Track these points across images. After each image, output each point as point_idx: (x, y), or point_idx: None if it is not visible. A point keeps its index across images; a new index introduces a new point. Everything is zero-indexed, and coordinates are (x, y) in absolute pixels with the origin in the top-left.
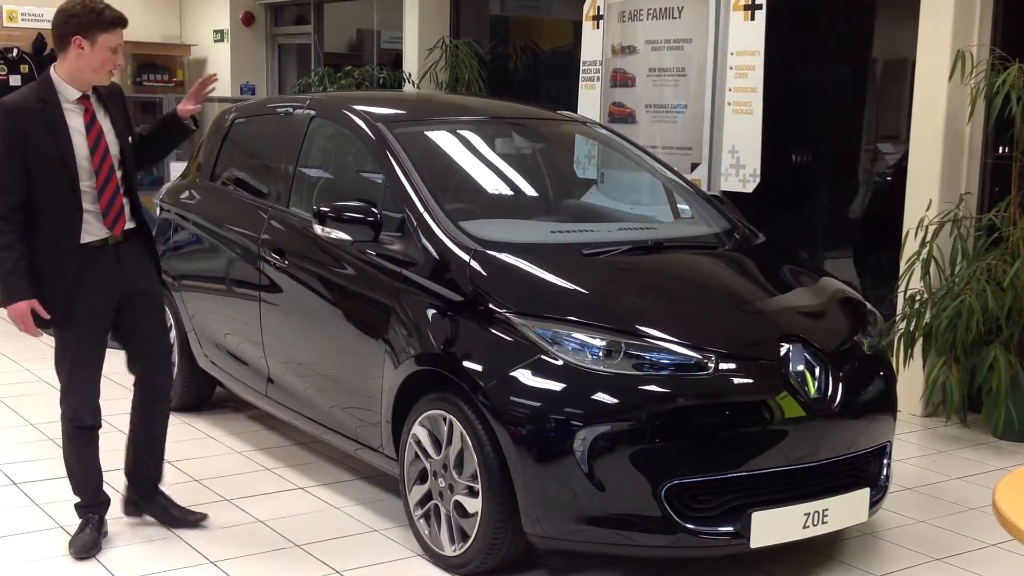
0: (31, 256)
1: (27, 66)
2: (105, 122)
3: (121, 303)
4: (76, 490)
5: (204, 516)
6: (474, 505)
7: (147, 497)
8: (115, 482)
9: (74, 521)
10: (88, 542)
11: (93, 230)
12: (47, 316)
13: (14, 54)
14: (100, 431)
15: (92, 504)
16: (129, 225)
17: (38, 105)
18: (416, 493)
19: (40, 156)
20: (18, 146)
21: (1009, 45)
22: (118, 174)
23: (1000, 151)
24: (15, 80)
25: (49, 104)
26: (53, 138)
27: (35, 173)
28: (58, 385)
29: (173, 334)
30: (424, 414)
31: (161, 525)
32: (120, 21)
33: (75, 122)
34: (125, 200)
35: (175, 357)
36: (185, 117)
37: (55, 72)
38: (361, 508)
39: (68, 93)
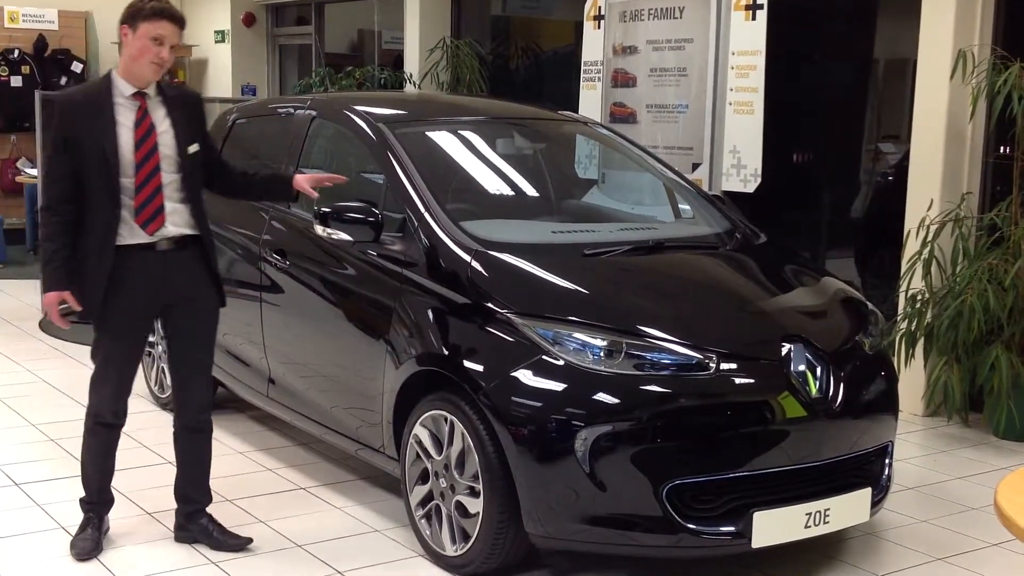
0: (76, 251)
1: (28, 67)
2: (163, 122)
3: (167, 310)
4: (84, 485)
5: (249, 540)
6: (475, 505)
7: (193, 519)
8: (122, 485)
9: (75, 521)
10: (89, 544)
11: (137, 232)
12: (78, 308)
13: (15, 55)
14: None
15: (96, 502)
16: (181, 231)
17: (90, 98)
18: (417, 493)
19: (85, 148)
20: (67, 138)
21: (1010, 45)
22: (166, 176)
23: (1001, 151)
24: (16, 81)
25: (102, 97)
26: (98, 130)
27: (80, 166)
28: (58, 386)
29: None
30: (425, 414)
31: (168, 530)
32: (163, 12)
33: (124, 117)
34: (176, 205)
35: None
36: (295, 187)
37: (116, 70)
38: (362, 508)
39: (123, 88)
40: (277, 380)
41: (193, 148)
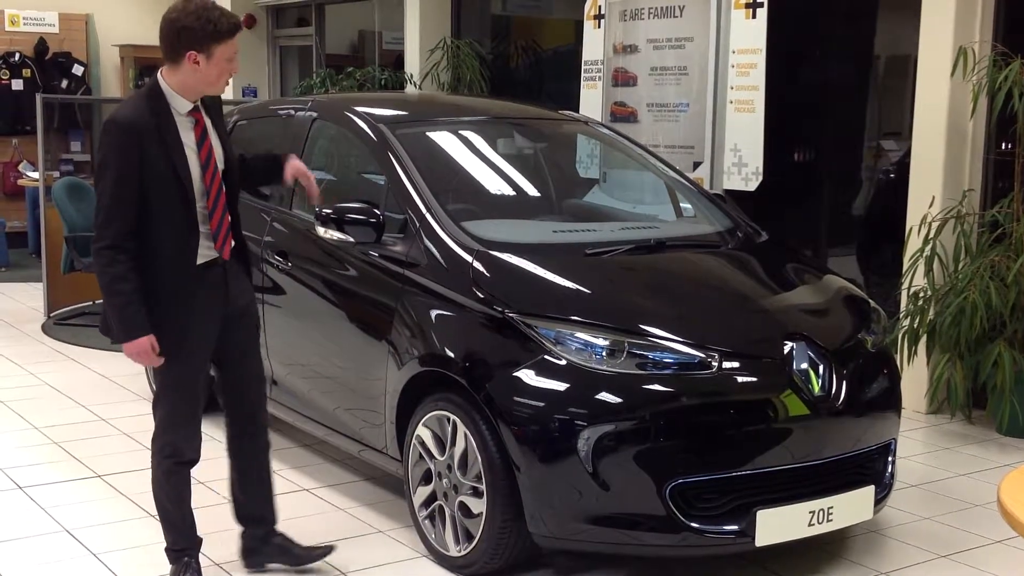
0: (144, 284)
1: (29, 70)
2: (214, 137)
3: (223, 323)
4: (170, 532)
5: (330, 549)
6: (478, 505)
7: (265, 540)
8: (123, 486)
9: (79, 523)
10: None
11: (204, 252)
12: (158, 350)
13: (16, 58)
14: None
15: (188, 547)
16: (233, 243)
17: (152, 120)
18: (420, 494)
19: (155, 176)
20: (132, 166)
21: (1011, 41)
22: (224, 192)
23: (1003, 147)
24: (17, 84)
25: (162, 118)
26: (168, 156)
27: (150, 194)
28: (61, 389)
29: None
30: (428, 415)
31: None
32: (236, 27)
33: (188, 138)
34: (230, 218)
35: None
36: (289, 172)
37: (164, 80)
38: (366, 509)
39: (179, 105)
40: (279, 381)
41: (237, 155)
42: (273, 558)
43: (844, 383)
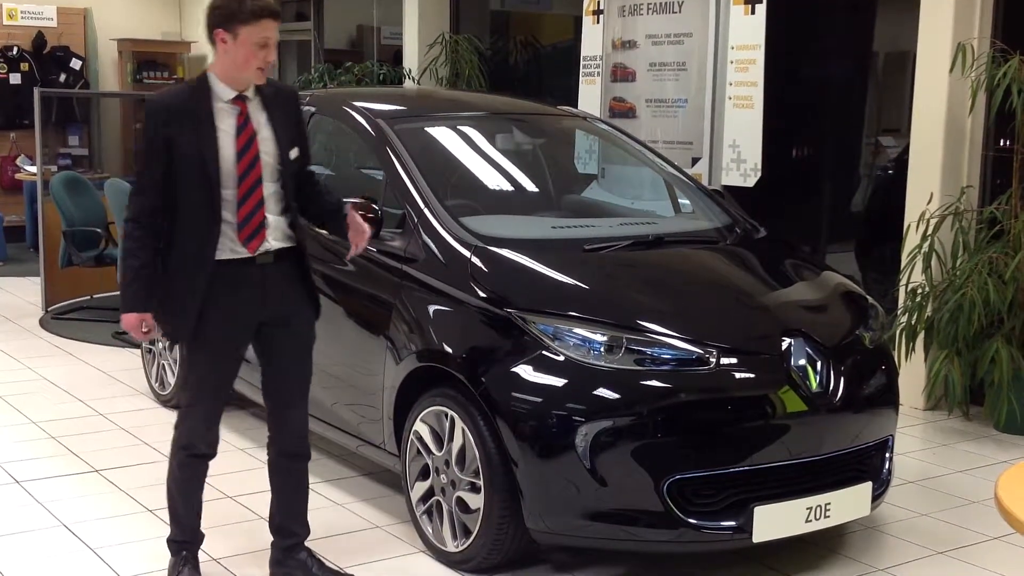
0: (165, 265)
1: (27, 64)
2: (264, 128)
3: (262, 327)
4: (174, 524)
5: None
6: (476, 501)
7: (291, 553)
8: (122, 481)
9: (77, 518)
10: None
11: (235, 246)
12: (159, 330)
13: (14, 52)
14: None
15: (190, 540)
16: (280, 245)
17: (188, 103)
18: (418, 489)
19: (182, 158)
20: (161, 146)
21: (1010, 37)
22: (268, 187)
23: (1001, 144)
24: (15, 78)
25: (200, 102)
26: (196, 137)
27: (176, 176)
28: (59, 383)
29: None
30: (426, 410)
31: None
32: (264, 11)
33: (226, 124)
34: (276, 217)
35: (177, 355)
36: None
37: (210, 69)
38: (363, 504)
39: (222, 92)
40: None
41: (294, 153)
42: (294, 572)
43: (842, 379)
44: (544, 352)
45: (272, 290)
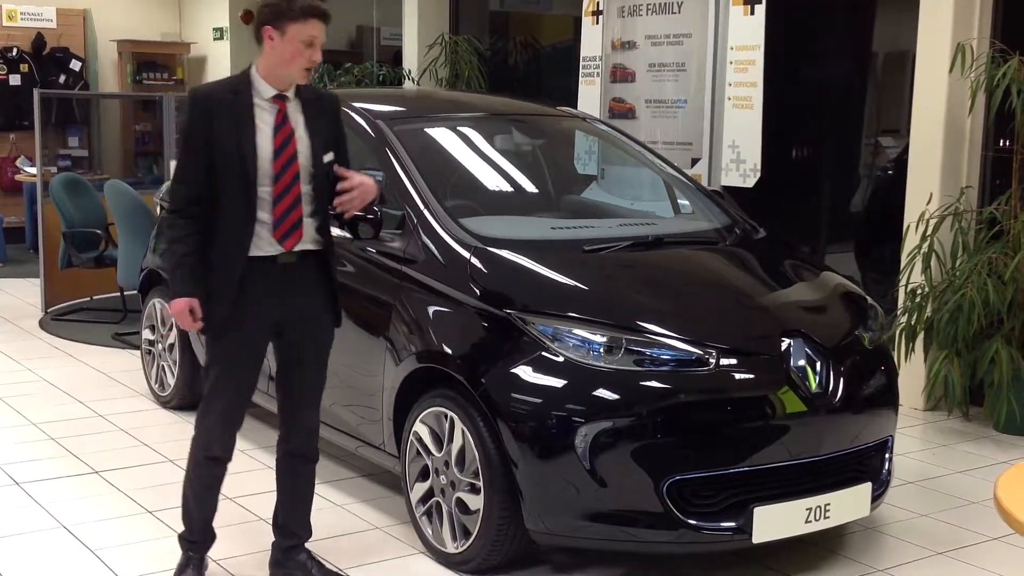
0: (201, 250)
1: (27, 65)
2: (300, 129)
3: (279, 327)
4: (185, 521)
5: None
6: (476, 502)
7: (291, 555)
8: (122, 483)
9: (77, 519)
10: None
11: (263, 243)
12: (201, 319)
13: (14, 53)
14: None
15: (198, 540)
16: (308, 246)
17: (228, 96)
18: (418, 490)
19: (221, 151)
20: (201, 137)
21: (1009, 38)
22: (304, 187)
23: (1001, 144)
24: (15, 79)
25: (241, 97)
26: (236, 132)
27: (216, 168)
28: (59, 385)
29: (175, 333)
30: (425, 411)
31: (168, 527)
32: (314, 11)
33: (264, 120)
34: (306, 219)
35: (177, 356)
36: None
37: (255, 66)
38: (363, 506)
39: (263, 89)
40: (276, 377)
41: (328, 157)
42: (293, 573)
43: (841, 380)
44: (544, 353)
45: (292, 290)
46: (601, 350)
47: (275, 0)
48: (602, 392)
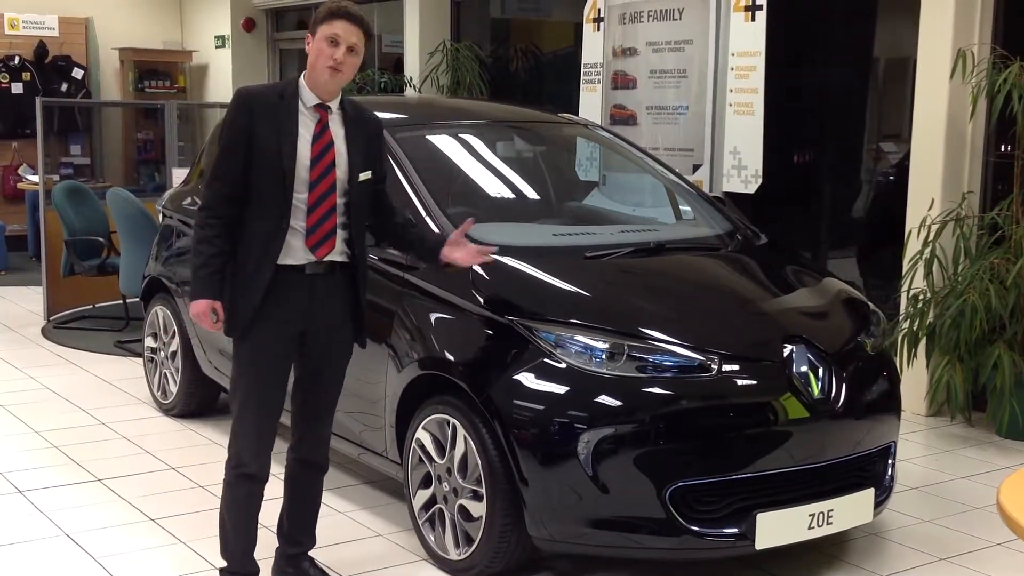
0: (230, 253)
1: (29, 74)
2: (341, 142)
3: (302, 337)
4: (223, 553)
5: None
6: (478, 509)
7: (294, 562)
8: (124, 491)
9: (80, 527)
10: None
11: (293, 251)
12: (222, 322)
13: (16, 62)
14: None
15: (238, 572)
16: (337, 258)
17: (274, 99)
18: (420, 497)
19: (260, 152)
20: (241, 136)
21: (1010, 43)
22: (339, 198)
23: (1002, 149)
24: (17, 88)
25: (285, 101)
26: (277, 136)
27: (253, 170)
28: (61, 392)
29: (177, 340)
30: (428, 418)
31: (171, 535)
32: (338, 12)
33: (306, 126)
34: (340, 231)
35: (179, 364)
36: (443, 260)
37: (303, 75)
38: (365, 513)
39: (307, 97)
40: None
41: (364, 176)
42: None
43: (844, 386)
44: (546, 359)
45: (317, 301)
46: (603, 356)
47: (316, 12)
48: (604, 398)
